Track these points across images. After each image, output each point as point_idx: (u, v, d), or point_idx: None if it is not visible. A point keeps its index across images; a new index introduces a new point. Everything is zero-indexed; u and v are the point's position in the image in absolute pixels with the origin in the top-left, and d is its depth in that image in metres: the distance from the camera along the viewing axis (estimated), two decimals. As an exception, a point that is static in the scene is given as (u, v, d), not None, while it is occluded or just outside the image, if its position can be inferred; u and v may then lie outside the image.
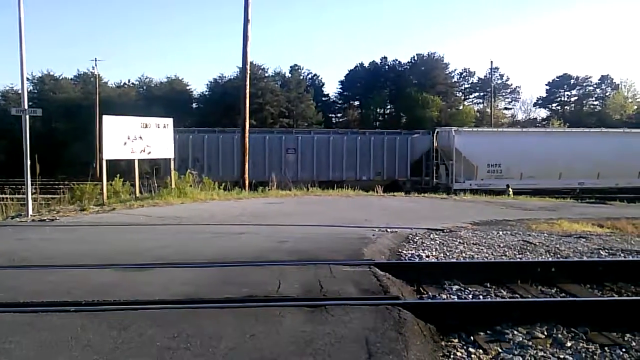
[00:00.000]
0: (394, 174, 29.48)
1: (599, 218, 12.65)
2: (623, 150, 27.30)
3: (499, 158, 27.33)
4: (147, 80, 61.87)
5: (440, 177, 29.31)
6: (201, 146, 27.75)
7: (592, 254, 7.64)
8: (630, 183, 27.54)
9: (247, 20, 19.66)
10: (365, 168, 29.32)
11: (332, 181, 27.01)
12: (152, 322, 3.99)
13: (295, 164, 28.60)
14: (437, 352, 3.78)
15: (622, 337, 4.14)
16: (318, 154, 28.87)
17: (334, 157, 28.97)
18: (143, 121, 14.92)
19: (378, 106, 70.82)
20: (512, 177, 27.18)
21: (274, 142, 28.71)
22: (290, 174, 26.97)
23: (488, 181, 27.11)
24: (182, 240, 8.09)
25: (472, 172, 27.42)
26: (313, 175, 27.99)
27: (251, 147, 27.07)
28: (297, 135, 29.67)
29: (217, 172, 25.90)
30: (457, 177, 27.32)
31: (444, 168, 29.17)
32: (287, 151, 28.64)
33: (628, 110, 66.16)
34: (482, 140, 28.76)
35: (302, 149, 28.82)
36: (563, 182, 27.39)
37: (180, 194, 14.74)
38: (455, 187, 26.51)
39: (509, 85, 76.30)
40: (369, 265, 6.00)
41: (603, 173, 27.28)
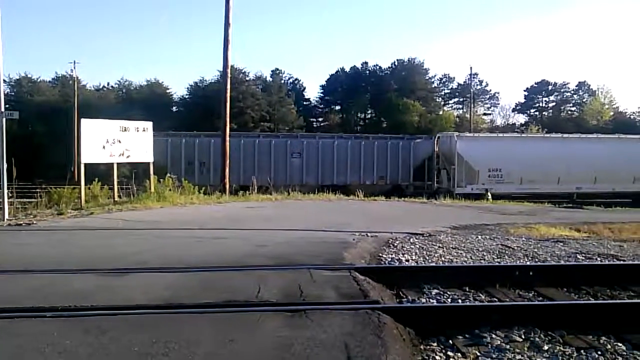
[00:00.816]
0: (397, 179, 29.70)
1: (576, 222, 12.82)
2: (618, 156, 27.78)
3: (499, 163, 27.64)
4: (126, 83, 61.39)
5: (442, 182, 29.56)
6: (207, 150, 27.71)
7: (570, 258, 7.73)
8: (626, 188, 28.02)
9: (228, 24, 19.62)
10: (369, 172, 29.46)
11: (336, 185, 26.96)
12: (130, 328, 3.94)
13: (300, 168, 28.67)
14: (416, 355, 3.79)
15: (598, 340, 4.19)
16: (323, 158, 28.97)
17: (338, 162, 29.09)
18: (122, 125, 14.81)
19: (359, 111, 71.11)
20: (513, 182, 27.62)
21: (279, 147, 28.73)
22: (295, 178, 27.53)
23: (489, 186, 27.36)
24: (161, 244, 8.02)
25: (473, 176, 27.66)
26: (318, 180, 28.22)
27: (257, 152, 27.64)
28: (302, 140, 29.73)
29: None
30: (459, 181, 27.58)
31: (445, 173, 29.44)
32: (292, 155, 28.70)
33: (605, 116, 67.24)
34: (483, 145, 29.15)
35: (307, 154, 28.87)
36: (561, 187, 27.76)
37: (159, 198, 14.63)
38: (457, 192, 26.65)
39: (488, 91, 77.20)
40: (349, 269, 6.01)
41: (600, 178, 27.67)
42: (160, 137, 27.26)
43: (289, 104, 61.06)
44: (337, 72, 72.42)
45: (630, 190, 27.97)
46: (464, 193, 26.00)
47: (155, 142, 26.37)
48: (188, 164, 27.12)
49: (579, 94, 74.79)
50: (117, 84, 61.76)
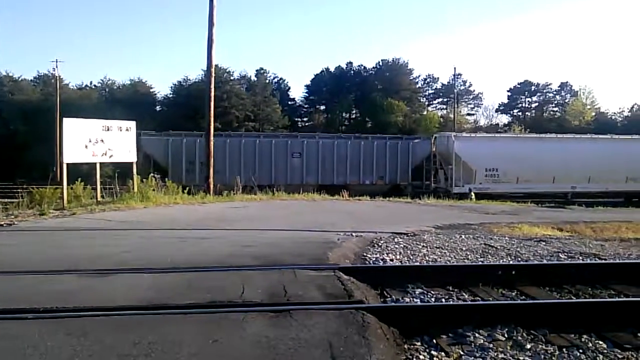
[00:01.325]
0: (396, 179, 29.78)
1: (559, 222, 12.94)
2: (612, 156, 28.16)
3: (496, 163, 27.86)
4: (109, 82, 60.87)
5: (439, 182, 29.76)
6: None
7: (552, 257, 7.81)
8: (619, 187, 28.53)
9: (212, 23, 19.53)
10: (368, 172, 29.51)
11: (336, 185, 27.02)
12: (112, 329, 3.91)
13: (300, 168, 28.67)
14: (400, 355, 3.80)
15: (580, 339, 4.24)
16: (323, 158, 28.99)
17: (338, 162, 29.14)
18: (105, 124, 14.69)
19: (344, 111, 71.15)
20: (509, 182, 27.91)
21: (279, 147, 28.71)
22: (296, 178, 27.72)
23: (486, 185, 27.65)
24: (145, 245, 7.96)
25: (470, 176, 27.89)
26: (318, 179, 28.30)
27: (258, 152, 27.68)
28: (303, 140, 29.66)
29: (224, 176, 25.89)
30: (457, 181, 27.77)
31: (442, 173, 29.64)
32: (293, 155, 28.66)
33: (586, 117, 67.97)
34: (480, 145, 29.36)
35: (308, 154, 28.88)
36: (557, 186, 28.14)
37: (142, 198, 14.53)
38: (454, 191, 26.96)
39: (471, 92, 77.75)
40: (334, 269, 6.01)
41: (594, 178, 28.08)
42: (162, 137, 27.75)
43: (274, 104, 60.93)
44: (322, 72, 72.51)
45: (623, 190, 28.54)
46: (461, 192, 26.42)
47: (157, 142, 27.08)
48: (189, 163, 27.03)
49: (561, 94, 75.60)
50: (100, 83, 61.28)
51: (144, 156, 26.23)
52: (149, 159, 26.53)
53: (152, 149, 26.96)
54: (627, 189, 28.61)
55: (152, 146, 27.10)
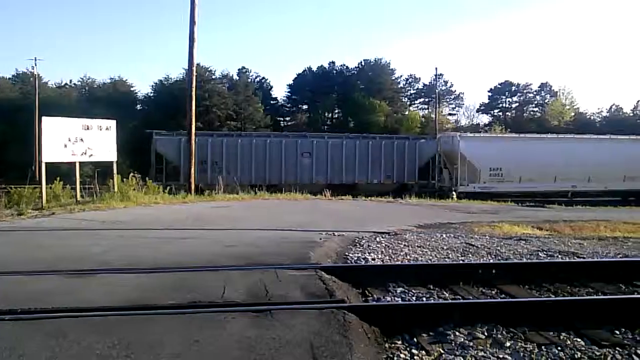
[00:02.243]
0: (403, 178, 30.01)
1: (538, 221, 13.07)
2: (610, 156, 28.68)
3: (500, 162, 28.24)
4: (89, 80, 60.28)
5: (443, 181, 30.07)
6: (220, 149, 27.74)
7: (532, 256, 7.89)
8: (617, 186, 29.05)
9: (194, 22, 19.43)
10: (376, 172, 29.70)
11: (345, 184, 27.51)
12: (92, 330, 3.87)
13: (310, 168, 28.82)
14: (381, 354, 3.81)
15: (558, 336, 4.28)
16: (332, 158, 29.15)
17: (347, 161, 29.30)
18: (85, 123, 14.55)
19: (326, 110, 71.26)
20: (512, 181, 28.35)
21: (289, 147, 28.85)
22: (305, 178, 27.94)
23: (490, 184, 28.02)
24: (125, 245, 7.89)
25: (475, 175, 28.23)
26: (327, 179, 28.47)
27: (269, 151, 27.89)
28: (312, 140, 29.84)
29: (236, 175, 26.09)
30: (462, 180, 28.06)
31: (446, 172, 30.00)
32: (302, 155, 28.81)
33: (566, 117, 68.88)
34: (484, 144, 29.83)
35: (317, 153, 29.02)
36: (558, 185, 28.57)
37: (123, 198, 14.41)
38: (460, 190, 27.19)
39: (453, 92, 78.40)
40: (315, 269, 6.02)
41: (593, 177, 28.61)
42: (174, 137, 27.82)
43: (256, 103, 60.76)
44: (304, 72, 72.53)
45: (621, 189, 29.09)
46: (466, 192, 26.72)
47: (169, 141, 27.33)
48: (201, 163, 26.80)
49: (541, 94, 76.52)
50: (79, 81, 60.70)
51: (156, 155, 26.79)
52: (162, 158, 26.85)
53: (164, 149, 27.20)
54: (626, 188, 29.17)
55: (165, 145, 27.35)
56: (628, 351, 4.01)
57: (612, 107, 75.29)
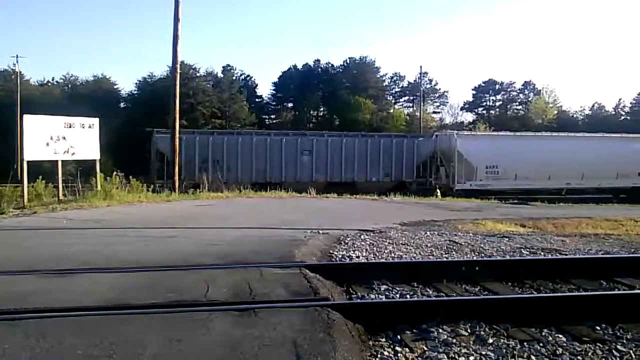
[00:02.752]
0: (401, 176, 30.19)
1: (521, 218, 13.18)
2: (603, 154, 29.07)
3: (496, 160, 28.50)
4: (72, 78, 59.88)
5: (440, 179, 30.27)
6: (221, 148, 27.80)
7: (515, 253, 7.95)
8: (610, 184, 29.60)
9: (178, 19, 19.33)
10: (375, 170, 29.88)
11: (344, 182, 27.83)
12: (73, 330, 3.82)
13: (310, 166, 28.96)
14: (365, 351, 3.81)
15: (540, 333, 4.31)
16: (332, 156, 29.29)
17: (346, 159, 29.47)
18: (67, 121, 14.40)
19: (311, 108, 71.28)
20: (508, 178, 28.59)
21: (290, 145, 28.95)
22: (305, 176, 28.16)
23: (486, 182, 28.37)
24: (108, 244, 7.80)
25: (472, 173, 28.49)
26: (327, 177, 28.73)
27: (269, 150, 28.06)
28: (312, 138, 30.01)
29: (236, 173, 26.67)
30: (459, 178, 28.35)
31: (443, 170, 30.23)
32: (302, 153, 28.94)
33: (549, 115, 69.59)
34: (481, 143, 30.20)
35: (317, 151, 29.16)
36: (552, 183, 29.00)
37: (106, 196, 14.28)
38: (457, 188, 27.71)
39: (437, 90, 78.78)
40: (300, 267, 6.00)
41: (587, 174, 28.97)
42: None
43: (241, 101, 60.62)
44: (290, 70, 72.49)
45: (614, 186, 29.71)
46: (463, 189, 27.18)
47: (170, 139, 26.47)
48: (202, 162, 27.11)
49: (524, 93, 77.21)
50: (62, 79, 60.20)
51: (157, 154, 26.74)
52: (163, 156, 26.56)
53: (165, 147, 26.59)
54: (618, 185, 29.76)
55: (165, 144, 26.57)
56: (608, 347, 4.05)
57: (595, 105, 76.26)
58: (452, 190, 27.39)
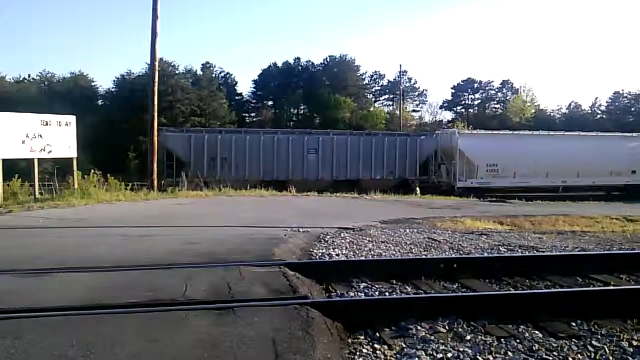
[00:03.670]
0: (404, 174, 30.40)
1: (499, 215, 13.32)
2: (598, 152, 29.75)
3: (496, 158, 29.02)
4: (48, 75, 58.82)
5: (441, 177, 30.82)
6: (229, 146, 27.84)
7: (493, 250, 8.03)
8: (604, 181, 30.27)
9: (156, 16, 19.16)
10: (379, 168, 30.09)
11: (349, 180, 28.22)
12: (49, 330, 3.77)
13: (316, 164, 29.13)
14: (344, 349, 3.82)
15: (517, 329, 4.36)
16: (337, 154, 29.46)
17: (351, 158, 29.66)
18: (43, 118, 14.24)
19: (292, 106, 71.16)
20: (507, 176, 29.17)
21: (296, 143, 29.07)
22: (311, 174, 28.52)
23: (486, 180, 28.90)
24: (85, 243, 7.73)
25: (473, 171, 28.97)
26: (332, 175, 29.01)
27: (276, 148, 28.26)
28: (318, 137, 30.12)
29: (244, 171, 27.00)
30: (460, 175, 28.82)
31: (444, 168, 30.76)
32: (309, 151, 29.07)
33: (527, 114, 70.36)
34: (481, 141, 30.48)
35: (323, 150, 29.33)
36: (549, 181, 29.56)
37: (83, 195, 14.14)
38: (458, 185, 28.31)
39: (417, 88, 79.23)
40: (279, 265, 5.99)
41: (582, 172, 29.59)
42: (184, 134, 28.28)
43: (220, 99, 60.20)
44: (270, 67, 72.24)
45: (608, 183, 30.43)
46: (464, 187, 27.85)
47: (179, 138, 27.62)
48: (211, 159, 27.26)
49: (502, 92, 78.05)
50: (38, 76, 59.16)
51: (166, 152, 26.77)
52: (172, 155, 26.89)
53: (174, 145, 27.23)
54: (611, 183, 30.51)
55: (174, 142, 27.42)
56: (584, 342, 4.11)
57: (571, 104, 77.39)
58: (454, 189, 27.95)
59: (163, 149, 27.02)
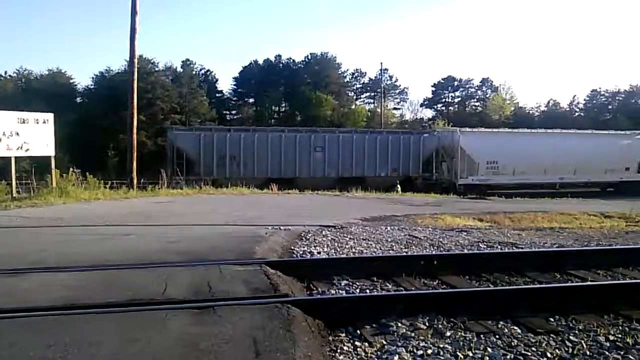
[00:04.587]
0: (408, 171, 30.94)
1: (479, 212, 13.42)
2: (593, 150, 30.48)
3: (496, 156, 29.68)
4: (26, 72, 58.05)
5: (442, 174, 31.52)
6: (238, 144, 28.17)
7: (472, 247, 8.09)
8: (599, 178, 31.26)
9: (135, 12, 18.99)
10: (383, 165, 30.63)
11: (355, 177, 28.73)
12: (25, 331, 3.72)
13: (322, 162, 29.60)
14: (325, 347, 3.82)
15: (496, 325, 4.39)
16: (343, 152, 29.94)
17: (357, 155, 30.11)
18: (20, 116, 14.06)
19: (273, 104, 70.93)
20: (507, 173, 29.90)
21: (303, 141, 29.48)
22: (318, 171, 29.21)
23: (487, 177, 29.60)
24: (63, 242, 7.62)
25: (473, 168, 29.56)
26: (338, 172, 29.57)
27: (284, 146, 28.84)
28: (324, 135, 30.71)
29: (253, 169, 27.61)
30: (461, 173, 29.40)
31: (445, 165, 31.53)
32: (315, 149, 29.52)
33: (506, 111, 71.02)
34: (482, 139, 31.11)
35: (329, 148, 29.78)
36: (547, 177, 30.38)
37: (62, 193, 13.96)
38: (460, 182, 28.99)
39: (397, 86, 79.49)
40: (260, 263, 5.97)
41: (578, 170, 30.47)
42: (194, 132, 28.84)
43: (201, 96, 59.88)
44: (251, 65, 71.99)
45: (603, 180, 31.39)
46: (465, 184, 28.61)
47: (188, 137, 28.07)
48: (220, 158, 27.69)
49: (482, 89, 78.67)
50: (15, 73, 58.33)
51: (176, 151, 27.21)
52: (182, 153, 27.16)
53: (183, 144, 27.55)
54: (606, 180, 31.42)
55: (184, 141, 27.79)
56: (562, 337, 4.15)
57: (550, 102, 78.28)
58: (455, 186, 28.68)
59: (172, 147, 27.60)
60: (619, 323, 4.55)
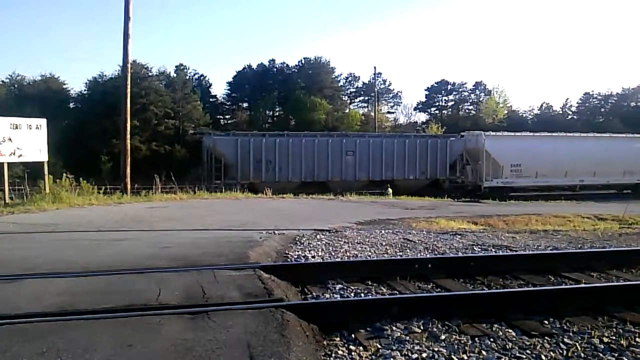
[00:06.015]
0: (435, 174, 31.57)
1: (473, 216, 13.46)
2: (612, 153, 31.09)
3: (519, 159, 30.27)
4: (19, 78, 57.77)
5: (467, 177, 32.10)
6: (273, 149, 28.65)
7: (467, 250, 8.10)
8: (618, 180, 31.94)
9: (128, 17, 18.95)
10: (412, 169, 31.22)
11: (384, 181, 29.43)
12: (19, 337, 3.69)
13: (353, 166, 30.17)
14: (319, 351, 3.81)
15: (491, 328, 4.39)
16: (373, 156, 30.48)
17: (386, 159, 30.68)
18: (13, 122, 14.00)
19: (267, 108, 70.86)
20: (529, 176, 30.48)
21: (335, 146, 30.00)
22: (349, 175, 29.86)
23: (510, 179, 30.22)
24: (56, 248, 7.58)
25: (498, 171, 30.14)
26: (369, 176, 30.19)
27: (316, 150, 29.52)
28: (355, 139, 31.27)
29: (287, 173, 28.25)
30: (487, 175, 29.90)
31: (469, 168, 32.04)
32: (347, 153, 30.09)
33: (499, 115, 71.30)
34: (506, 142, 31.61)
35: (360, 152, 30.31)
36: (568, 180, 31.04)
37: (55, 199, 13.89)
38: (485, 185, 29.60)
39: (391, 90, 79.64)
40: (254, 268, 5.96)
41: (598, 172, 31.04)
42: (231, 137, 29.33)
43: (195, 101, 59.76)
44: (244, 69, 71.91)
45: (621, 182, 32.06)
46: (490, 186, 29.18)
47: (226, 142, 28.64)
48: (256, 162, 28.18)
49: (475, 93, 78.86)
50: (8, 78, 58.07)
51: (214, 156, 28.04)
52: (220, 158, 27.89)
53: (222, 149, 28.10)
54: (624, 182, 32.08)
55: (222, 146, 28.31)
56: (556, 340, 4.16)
57: (543, 105, 78.58)
58: (479, 188, 29.31)
59: (210, 152, 28.28)
60: (613, 325, 4.56)
